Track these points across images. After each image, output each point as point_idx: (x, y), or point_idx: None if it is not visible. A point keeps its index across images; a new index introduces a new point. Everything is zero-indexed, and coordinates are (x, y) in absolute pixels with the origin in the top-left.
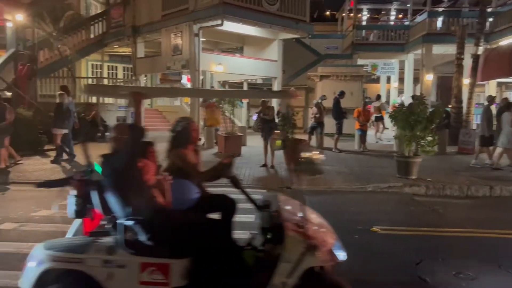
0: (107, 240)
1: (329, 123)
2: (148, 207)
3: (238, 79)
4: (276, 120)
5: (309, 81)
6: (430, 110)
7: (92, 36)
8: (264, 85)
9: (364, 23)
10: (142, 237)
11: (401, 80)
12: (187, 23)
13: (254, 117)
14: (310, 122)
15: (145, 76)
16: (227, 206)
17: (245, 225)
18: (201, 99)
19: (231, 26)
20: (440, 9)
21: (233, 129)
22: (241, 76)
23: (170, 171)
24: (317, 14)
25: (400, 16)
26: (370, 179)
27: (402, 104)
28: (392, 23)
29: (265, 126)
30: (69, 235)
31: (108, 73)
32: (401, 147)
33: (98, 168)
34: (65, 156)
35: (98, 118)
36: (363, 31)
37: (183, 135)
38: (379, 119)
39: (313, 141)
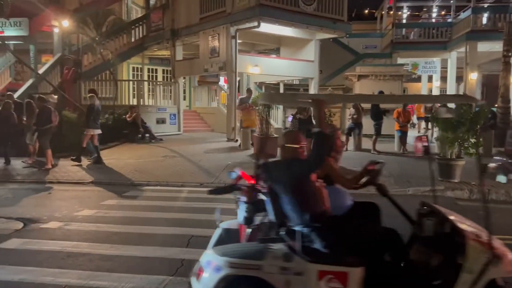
0: (280, 247)
1: (367, 124)
2: (323, 214)
3: (274, 80)
4: (313, 121)
5: (346, 81)
6: (475, 110)
7: (132, 40)
8: (300, 86)
9: (404, 21)
10: (318, 245)
11: (443, 79)
12: (224, 25)
13: (289, 118)
14: (348, 123)
15: (184, 78)
16: (377, 212)
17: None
18: (237, 101)
19: (267, 28)
20: (485, 5)
21: (269, 130)
22: (278, 77)
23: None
24: (355, 13)
25: (443, 13)
26: (410, 182)
27: (444, 105)
28: (434, 20)
29: (301, 128)
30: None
31: (148, 75)
32: (443, 149)
33: None
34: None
35: (139, 119)
36: (403, 29)
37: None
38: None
39: (351, 143)
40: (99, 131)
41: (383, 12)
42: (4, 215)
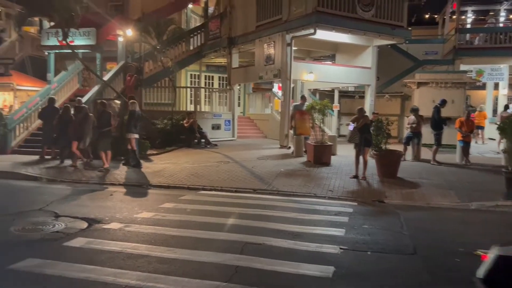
0: None
1: (427, 133)
2: None
3: (329, 87)
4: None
5: (405, 88)
6: None
7: (191, 48)
8: (356, 93)
9: (468, 26)
10: None
11: (511, 86)
12: (280, 33)
13: (351, 127)
14: (406, 131)
15: (239, 85)
16: None
17: (334, 239)
18: (291, 107)
19: (323, 35)
20: None
21: (323, 138)
22: (333, 84)
23: None
24: (415, 18)
25: (511, 16)
26: (473, 196)
27: None
28: (501, 25)
29: (360, 136)
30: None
31: (205, 82)
32: (511, 162)
33: None
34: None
35: (195, 125)
36: (467, 35)
37: None
38: None
39: (409, 152)
40: (137, 136)
41: (445, 17)
42: (70, 215)
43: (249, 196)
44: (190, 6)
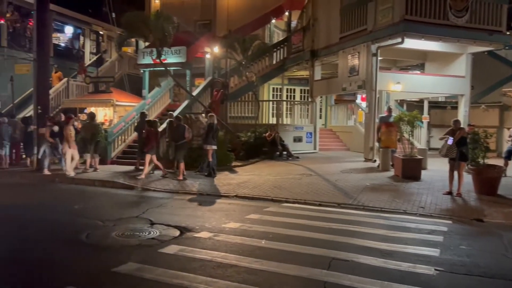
0: None
1: None
2: None
3: (417, 97)
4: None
5: (504, 98)
6: None
7: (274, 62)
8: (447, 103)
9: None
10: None
11: None
12: (365, 43)
13: (450, 141)
14: (507, 145)
15: (320, 97)
16: None
17: (427, 259)
18: (377, 119)
19: (411, 43)
20: None
21: (412, 151)
22: (422, 95)
23: None
24: None
25: None
26: None
27: None
28: None
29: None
30: None
31: (287, 95)
32: None
33: None
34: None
35: (277, 138)
36: None
37: None
38: None
39: (510, 168)
40: (215, 147)
41: None
42: (163, 222)
43: (334, 210)
44: (273, 21)
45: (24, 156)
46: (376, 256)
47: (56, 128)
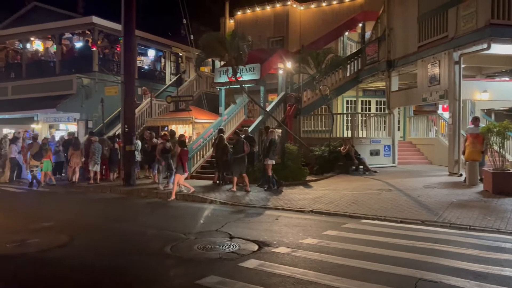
0: None
1: None
2: None
3: (507, 106)
4: None
5: None
6: None
7: (348, 74)
8: None
9: None
10: None
11: None
12: (446, 51)
13: None
14: None
15: (398, 109)
16: None
17: None
18: (462, 130)
19: (498, 49)
20: None
21: (503, 164)
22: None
23: None
24: None
25: None
26: None
27: None
28: None
29: None
30: None
31: (362, 107)
32: None
33: None
34: None
35: (352, 151)
36: None
37: None
38: None
39: None
40: (274, 162)
41: None
42: (242, 237)
43: (417, 228)
44: (346, 33)
45: (116, 172)
46: (469, 279)
47: (168, 145)
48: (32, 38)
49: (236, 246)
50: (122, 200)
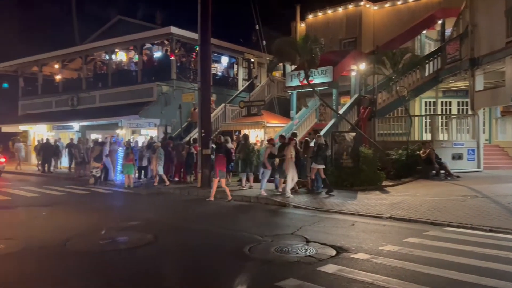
0: None
1: None
2: None
3: None
4: None
5: None
6: None
7: (426, 74)
8: None
9: None
10: None
11: None
12: None
13: None
14: None
15: (483, 109)
16: None
17: None
18: None
19: None
20: None
21: None
22: None
23: None
24: None
25: None
26: None
27: None
28: None
29: None
30: None
31: (442, 109)
32: None
33: None
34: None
35: (432, 155)
36: None
37: None
38: None
39: None
40: (323, 166)
41: None
42: (318, 241)
43: (509, 237)
44: (423, 32)
45: (193, 174)
46: None
47: (274, 150)
48: (116, 50)
49: (313, 250)
50: (199, 202)
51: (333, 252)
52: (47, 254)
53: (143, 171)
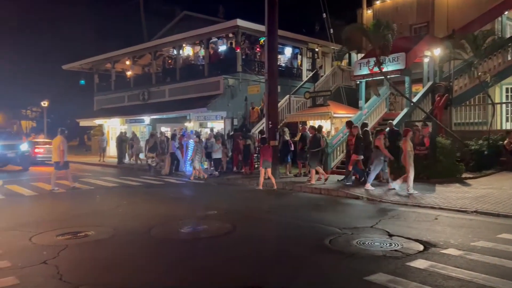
0: None
1: None
2: None
3: None
4: None
5: None
6: None
7: (509, 58)
8: None
9: None
10: None
11: None
12: None
13: None
14: None
15: None
16: None
17: None
18: None
19: None
20: None
21: None
22: None
23: None
24: None
25: None
26: None
27: None
28: None
29: None
30: None
31: None
32: None
33: None
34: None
35: None
36: None
37: None
38: None
39: None
40: (362, 157)
41: None
42: (401, 235)
43: None
44: (505, 13)
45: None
46: None
47: (387, 142)
48: (183, 45)
49: (398, 245)
50: (269, 192)
51: (420, 247)
52: (134, 241)
53: (212, 162)
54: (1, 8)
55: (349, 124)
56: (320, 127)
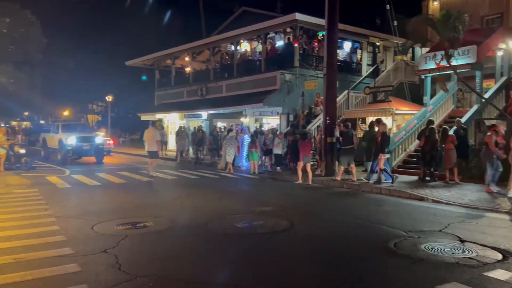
0: None
1: None
2: None
3: None
4: None
5: None
6: None
7: None
8: None
9: None
10: None
11: None
12: None
13: None
14: None
15: None
16: None
17: None
18: None
19: None
20: None
21: None
22: None
23: None
24: None
25: None
26: None
27: None
28: None
29: None
30: None
31: None
32: None
33: None
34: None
35: None
36: None
37: None
38: None
39: None
40: (388, 155)
41: None
42: (475, 241)
43: None
44: None
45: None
46: None
47: (499, 139)
48: (241, 40)
49: (472, 252)
50: (325, 190)
51: (499, 256)
52: (191, 233)
53: (268, 157)
54: (71, 8)
55: (378, 121)
56: (379, 121)
